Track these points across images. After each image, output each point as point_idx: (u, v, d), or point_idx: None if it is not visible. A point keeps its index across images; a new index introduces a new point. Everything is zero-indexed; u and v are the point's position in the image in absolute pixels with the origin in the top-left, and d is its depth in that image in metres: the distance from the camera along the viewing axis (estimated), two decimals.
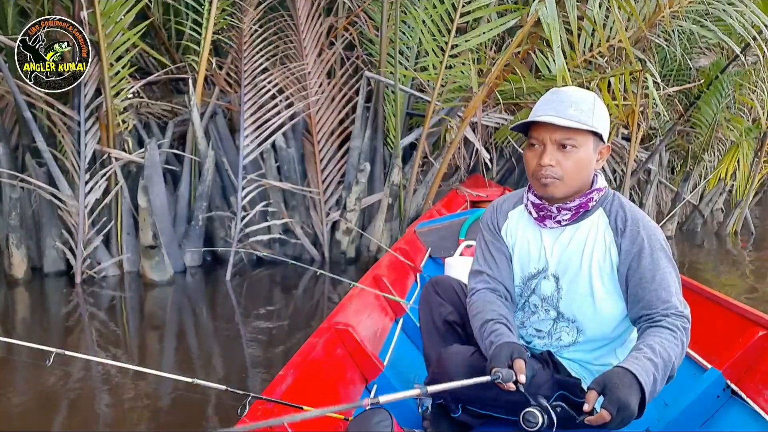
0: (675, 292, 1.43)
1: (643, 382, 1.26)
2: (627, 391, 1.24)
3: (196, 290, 4.65)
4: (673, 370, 1.34)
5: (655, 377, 1.29)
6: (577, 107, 1.43)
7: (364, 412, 1.44)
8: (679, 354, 1.35)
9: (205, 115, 4.95)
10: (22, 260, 4.59)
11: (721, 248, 6.25)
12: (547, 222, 1.52)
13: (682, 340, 1.37)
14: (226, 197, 5.08)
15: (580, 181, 1.47)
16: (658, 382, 1.30)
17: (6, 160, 4.56)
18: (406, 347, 2.21)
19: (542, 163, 1.43)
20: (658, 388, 1.31)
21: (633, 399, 1.24)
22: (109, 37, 4.32)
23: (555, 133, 1.42)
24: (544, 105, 1.47)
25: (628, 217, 1.48)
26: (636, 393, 1.24)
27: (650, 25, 4.59)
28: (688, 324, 1.40)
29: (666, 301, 1.41)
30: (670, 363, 1.32)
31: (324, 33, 5.23)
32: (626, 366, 1.28)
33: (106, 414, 2.59)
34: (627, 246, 1.45)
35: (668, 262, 1.45)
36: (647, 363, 1.29)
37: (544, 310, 1.56)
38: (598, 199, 1.50)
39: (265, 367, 3.06)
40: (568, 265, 1.51)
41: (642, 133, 5.55)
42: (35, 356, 1.61)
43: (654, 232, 1.47)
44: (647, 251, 1.44)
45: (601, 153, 1.49)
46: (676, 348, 1.35)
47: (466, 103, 4.91)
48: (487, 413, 1.58)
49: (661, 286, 1.42)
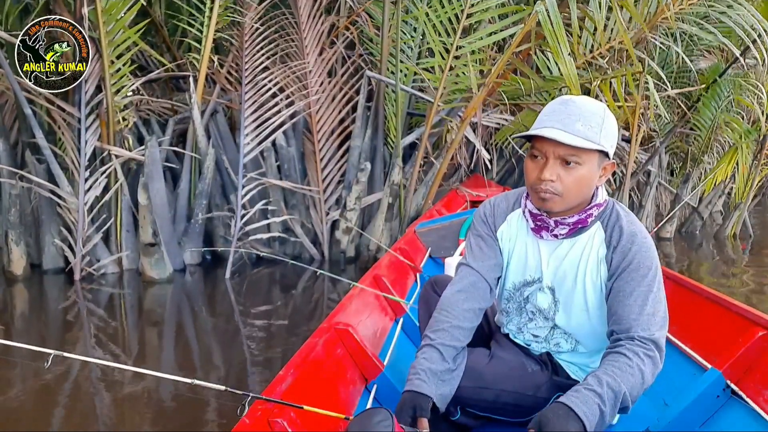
0: (651, 313, 1.36)
1: (581, 415, 1.23)
2: (562, 424, 1.22)
3: (195, 288, 4.64)
4: (625, 401, 1.30)
5: (600, 409, 1.26)
6: (585, 122, 1.35)
7: (364, 411, 1.44)
8: (635, 383, 1.30)
9: (206, 113, 4.95)
10: (21, 257, 4.59)
11: (720, 250, 6.26)
12: (544, 234, 1.49)
13: (641, 369, 1.31)
14: (226, 195, 5.08)
15: (581, 198, 1.42)
16: (606, 414, 1.27)
17: (5, 156, 4.55)
18: (406, 347, 2.21)
19: (543, 177, 1.37)
20: (607, 420, 1.29)
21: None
22: (110, 35, 4.31)
23: (559, 148, 1.35)
24: (551, 115, 1.38)
25: (624, 232, 1.43)
26: (574, 426, 1.23)
27: (651, 26, 4.59)
28: (654, 352, 1.34)
29: (635, 321, 1.35)
30: (620, 393, 1.28)
31: (325, 32, 5.23)
32: (564, 401, 1.26)
33: (105, 414, 2.59)
34: (617, 260, 1.42)
35: (653, 284, 1.39)
36: (589, 395, 1.26)
37: (542, 318, 1.56)
38: (597, 214, 1.46)
39: (264, 366, 3.06)
40: (564, 279, 1.49)
41: (642, 134, 5.56)
42: (34, 356, 1.60)
43: (647, 250, 1.41)
44: (633, 267, 1.39)
45: (605, 169, 1.43)
46: (630, 378, 1.30)
47: (467, 103, 4.91)
48: (486, 415, 1.58)
49: (637, 303, 1.37)
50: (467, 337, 1.53)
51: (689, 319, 2.07)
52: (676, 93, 5.96)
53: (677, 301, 2.21)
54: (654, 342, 1.34)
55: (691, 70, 5.93)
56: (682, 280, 2.26)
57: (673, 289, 2.26)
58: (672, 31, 4.87)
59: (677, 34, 4.92)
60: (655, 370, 1.35)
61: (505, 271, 1.59)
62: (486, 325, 1.79)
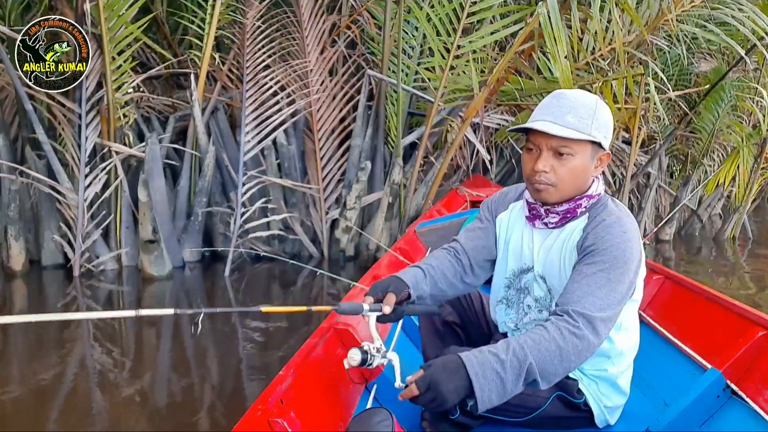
0: (597, 296, 1.32)
1: (472, 375, 1.22)
2: (445, 374, 1.22)
3: (194, 285, 4.64)
4: (532, 373, 1.25)
5: (499, 375, 1.23)
6: (576, 114, 1.39)
7: (364, 411, 1.44)
8: (548, 358, 1.26)
9: (207, 110, 4.95)
10: (20, 253, 4.58)
11: (719, 253, 6.27)
12: (536, 222, 1.54)
13: (558, 344, 1.27)
14: (226, 193, 5.07)
15: (575, 188, 1.45)
16: (507, 382, 1.24)
17: (5, 151, 4.55)
18: (406, 347, 2.21)
19: (536, 168, 1.42)
20: (509, 387, 1.25)
21: (449, 384, 1.22)
22: (112, 31, 4.31)
23: (551, 140, 1.40)
24: (544, 109, 1.44)
25: (604, 221, 1.42)
26: (458, 380, 1.22)
27: (653, 28, 4.59)
28: (582, 330, 1.28)
29: (577, 299, 1.32)
30: (525, 363, 1.24)
31: (326, 31, 5.23)
32: (462, 355, 1.25)
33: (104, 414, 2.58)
34: (586, 245, 1.41)
35: (611, 273, 1.35)
36: (489, 359, 1.24)
37: (537, 310, 1.57)
38: (587, 205, 1.47)
39: (263, 365, 3.06)
40: (551, 268, 1.52)
41: (642, 136, 5.56)
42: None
43: (621, 243, 1.37)
44: (597, 252, 1.38)
45: (601, 160, 1.46)
46: (543, 351, 1.26)
47: (468, 102, 4.91)
48: (485, 414, 1.58)
49: (588, 284, 1.34)
50: (444, 285, 1.61)
51: (689, 319, 2.07)
52: (677, 95, 5.96)
53: (677, 301, 2.21)
54: (586, 319, 1.30)
55: (692, 72, 5.93)
56: (682, 280, 2.26)
57: (673, 289, 2.27)
58: (673, 33, 4.86)
59: (679, 36, 4.91)
60: (582, 350, 1.29)
61: (506, 258, 1.63)
62: (486, 325, 1.80)
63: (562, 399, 1.53)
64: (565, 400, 1.53)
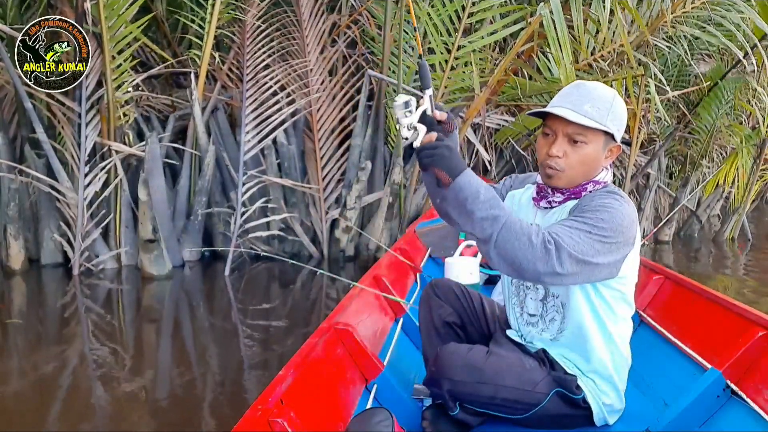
0: (574, 240, 1.33)
1: (461, 168, 1.30)
2: (449, 151, 1.30)
3: (194, 285, 4.64)
4: (476, 210, 1.29)
5: (474, 188, 1.29)
6: (594, 104, 1.45)
7: (364, 411, 1.45)
8: (513, 233, 1.29)
9: (207, 110, 4.95)
10: (19, 251, 4.58)
11: (719, 254, 6.27)
12: (541, 203, 1.57)
13: (529, 237, 1.30)
14: (225, 193, 5.07)
15: (583, 175, 1.50)
16: (467, 201, 1.29)
17: (5, 150, 4.55)
18: (406, 347, 2.21)
19: (551, 153, 1.47)
20: (468, 207, 1.30)
21: (452, 161, 1.30)
22: (112, 30, 4.31)
23: (568, 127, 1.45)
24: (563, 97, 1.50)
25: (599, 192, 1.47)
26: (458, 161, 1.30)
27: (653, 29, 4.59)
28: (550, 247, 1.30)
29: (554, 232, 1.33)
30: (499, 218, 1.29)
31: (327, 30, 5.23)
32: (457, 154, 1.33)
33: (103, 413, 2.58)
34: (579, 207, 1.43)
35: (596, 231, 1.36)
36: (477, 179, 1.32)
37: (534, 288, 1.59)
38: (591, 189, 1.51)
39: (262, 365, 3.06)
40: None
41: (642, 137, 5.56)
42: None
43: (612, 210, 1.39)
44: (586, 210, 1.40)
45: (611, 151, 1.51)
46: (514, 229, 1.29)
47: (468, 103, 4.91)
48: (485, 411, 1.58)
49: (566, 226, 1.36)
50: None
51: (689, 319, 2.06)
52: (677, 95, 5.96)
53: (677, 301, 2.21)
54: (557, 246, 1.31)
55: (691, 73, 5.93)
56: (682, 280, 2.26)
57: (673, 289, 2.27)
58: (673, 34, 4.86)
59: (680, 37, 4.92)
60: (537, 260, 1.30)
61: None
62: (486, 325, 1.80)
63: (561, 395, 1.53)
64: (565, 397, 1.54)
